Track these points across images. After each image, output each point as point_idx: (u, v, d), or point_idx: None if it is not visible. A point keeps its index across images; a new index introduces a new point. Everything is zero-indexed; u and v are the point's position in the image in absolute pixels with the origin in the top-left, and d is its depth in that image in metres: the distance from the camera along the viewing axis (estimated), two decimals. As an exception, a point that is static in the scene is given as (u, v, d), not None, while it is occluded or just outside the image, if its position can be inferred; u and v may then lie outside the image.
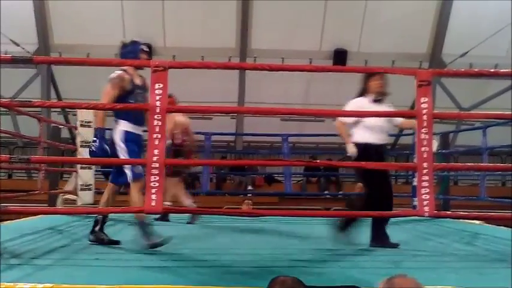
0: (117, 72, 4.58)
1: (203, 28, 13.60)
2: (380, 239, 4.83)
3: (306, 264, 3.98)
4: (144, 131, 4.39)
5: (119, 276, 3.30)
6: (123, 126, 4.55)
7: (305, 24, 13.77)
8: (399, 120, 5.13)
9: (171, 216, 6.68)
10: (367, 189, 4.92)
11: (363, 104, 4.90)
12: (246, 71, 13.91)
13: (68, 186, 8.08)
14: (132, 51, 4.62)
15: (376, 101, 4.91)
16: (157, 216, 6.62)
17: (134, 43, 4.71)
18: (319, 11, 13.71)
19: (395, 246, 4.76)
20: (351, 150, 4.87)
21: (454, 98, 14.44)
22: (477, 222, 6.85)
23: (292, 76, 13.24)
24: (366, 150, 4.79)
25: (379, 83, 4.89)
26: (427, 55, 14.47)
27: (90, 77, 13.32)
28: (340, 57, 13.96)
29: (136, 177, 4.46)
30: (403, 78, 4.53)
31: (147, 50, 4.75)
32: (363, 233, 5.02)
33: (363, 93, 4.99)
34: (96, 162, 7.09)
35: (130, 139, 4.54)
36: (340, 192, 12.72)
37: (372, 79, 4.90)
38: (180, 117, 6.98)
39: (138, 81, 4.61)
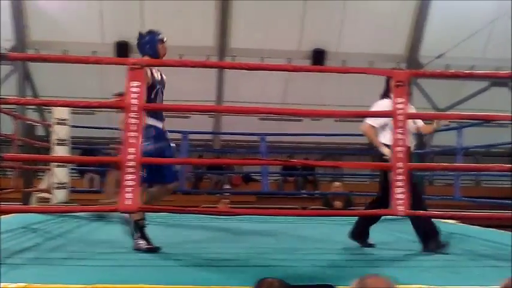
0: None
1: (182, 26, 13.52)
2: (359, 236, 4.84)
3: (282, 263, 3.99)
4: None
5: (92, 275, 3.28)
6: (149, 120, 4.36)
7: (284, 24, 13.79)
8: (420, 123, 5.04)
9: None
10: (380, 191, 4.87)
11: (390, 106, 4.81)
12: (225, 70, 13.89)
13: (43, 185, 7.99)
14: (149, 42, 4.50)
15: None
16: (98, 214, 6.65)
17: (151, 33, 4.57)
18: (298, 11, 13.74)
19: (371, 245, 4.79)
20: (386, 151, 4.70)
21: (431, 98, 14.59)
22: (451, 221, 6.92)
23: (270, 75, 13.26)
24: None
25: None
26: (405, 56, 14.59)
27: (67, 75, 13.24)
28: (318, 57, 14.01)
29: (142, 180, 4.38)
30: (380, 78, 4.57)
31: (165, 40, 4.57)
32: (338, 231, 5.05)
33: (387, 94, 4.86)
34: (68, 160, 7.07)
35: (151, 134, 4.36)
36: (317, 192, 12.78)
37: None
38: None
39: (158, 75, 4.50)
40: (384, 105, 4.77)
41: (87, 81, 13.37)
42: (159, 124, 4.46)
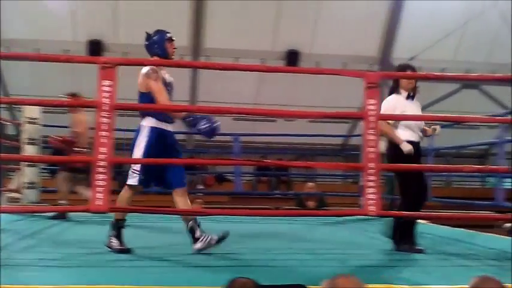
0: (147, 68, 4.35)
1: (156, 25, 13.32)
2: (406, 242, 4.71)
3: (254, 263, 4.00)
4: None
5: (62, 276, 3.24)
6: (149, 121, 4.40)
7: (258, 24, 13.80)
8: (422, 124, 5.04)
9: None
10: (400, 190, 4.87)
11: (399, 101, 4.79)
12: (199, 69, 13.85)
13: (13, 184, 7.88)
14: (158, 42, 4.46)
15: (409, 97, 4.84)
16: (54, 214, 6.59)
17: (159, 33, 4.53)
18: (272, 11, 13.76)
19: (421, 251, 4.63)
20: (407, 148, 4.69)
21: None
22: (422, 221, 7.01)
23: (244, 76, 13.25)
24: (400, 149, 4.68)
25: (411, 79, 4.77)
26: (378, 58, 14.72)
27: (38, 73, 13.06)
28: (292, 58, 14.06)
29: (140, 182, 4.36)
30: (354, 80, 4.60)
31: (173, 38, 4.54)
32: (311, 231, 5.07)
33: (394, 90, 4.87)
34: (39, 160, 6.97)
35: (153, 136, 4.38)
36: (291, 192, 12.81)
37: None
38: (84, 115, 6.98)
39: (167, 77, 4.46)
40: (393, 102, 4.79)
41: (59, 80, 13.18)
42: (164, 126, 4.44)
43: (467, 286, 2.27)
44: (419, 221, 6.84)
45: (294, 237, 5.68)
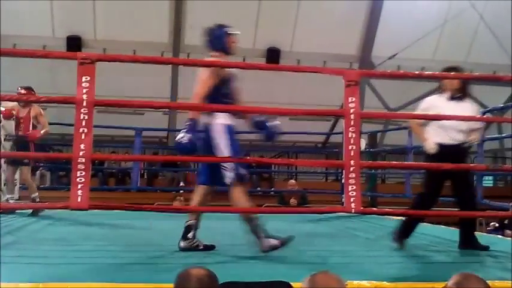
0: (210, 59, 4.25)
1: (135, 21, 13.38)
2: (470, 241, 4.69)
3: (236, 259, 3.99)
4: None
5: (42, 273, 3.21)
6: (221, 118, 4.25)
7: (239, 21, 13.61)
8: (476, 125, 4.82)
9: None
10: (423, 188, 4.87)
11: (437, 102, 4.72)
12: (179, 67, 13.80)
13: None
14: (219, 37, 4.40)
15: (455, 98, 4.69)
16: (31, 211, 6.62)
17: (220, 27, 4.46)
18: (253, 9, 13.77)
19: (485, 248, 4.61)
20: (429, 147, 4.67)
21: (383, 99, 14.85)
22: (403, 218, 7.06)
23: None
24: (439, 151, 4.65)
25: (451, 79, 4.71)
26: (357, 56, 14.82)
27: (16, 69, 12.89)
28: (273, 55, 14.09)
29: (240, 179, 4.23)
30: (334, 78, 4.62)
31: (235, 33, 4.44)
32: (293, 228, 5.05)
33: (439, 91, 4.83)
34: (18, 156, 6.90)
35: (230, 133, 4.26)
36: (272, 189, 12.83)
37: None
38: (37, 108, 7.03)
39: (232, 70, 4.37)
40: (430, 102, 4.79)
41: (38, 76, 13.05)
42: (234, 122, 4.34)
43: (447, 283, 2.27)
44: (399, 218, 6.94)
45: (276, 234, 5.67)
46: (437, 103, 4.71)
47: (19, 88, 6.72)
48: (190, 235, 4.28)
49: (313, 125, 14.21)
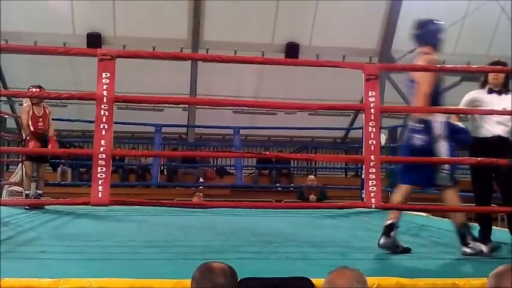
0: (425, 55, 4.19)
1: (155, 18, 13.42)
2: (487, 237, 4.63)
3: (255, 255, 3.99)
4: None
5: (64, 269, 3.24)
6: (440, 116, 4.19)
7: (258, 16, 13.76)
8: None
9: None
10: (472, 185, 4.83)
11: (477, 95, 4.74)
12: (198, 63, 13.81)
13: (14, 178, 7.88)
14: (432, 32, 4.38)
15: (496, 92, 4.68)
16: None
17: (432, 23, 4.42)
18: (272, 3, 13.71)
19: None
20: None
21: (403, 93, 14.70)
22: (423, 214, 7.01)
23: (244, 69, 13.22)
24: (477, 143, 4.59)
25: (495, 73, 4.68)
26: (377, 51, 14.69)
27: (37, 66, 13.03)
28: (292, 50, 14.01)
29: (454, 181, 4.16)
30: (353, 72, 4.58)
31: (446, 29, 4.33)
32: (312, 224, 5.05)
33: (483, 84, 4.82)
34: (37, 152, 6.97)
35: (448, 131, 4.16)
36: (292, 185, 12.81)
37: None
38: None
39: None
40: (471, 95, 4.81)
41: (59, 73, 13.19)
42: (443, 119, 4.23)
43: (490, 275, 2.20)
44: (420, 213, 6.90)
45: (295, 230, 5.68)
46: (479, 96, 4.72)
47: (30, 87, 6.78)
48: (392, 233, 4.13)
49: (333, 120, 14.16)
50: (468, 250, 4.00)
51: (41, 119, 6.95)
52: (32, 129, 6.87)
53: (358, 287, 2.10)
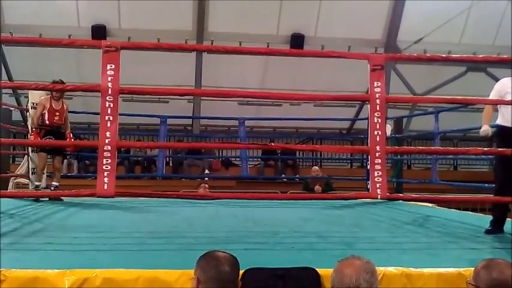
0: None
1: (159, 10, 13.38)
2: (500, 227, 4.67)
3: (261, 246, 3.99)
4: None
5: (70, 260, 3.25)
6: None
7: (262, 8, 13.71)
8: None
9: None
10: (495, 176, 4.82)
11: (507, 83, 4.69)
12: (203, 54, 13.79)
13: (20, 170, 7.90)
14: None
15: None
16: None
17: None
18: (276, -5, 13.68)
19: None
20: (482, 129, 4.70)
21: (409, 84, 14.67)
22: (429, 204, 7.00)
23: (249, 60, 13.20)
24: (501, 133, 4.62)
25: None
26: (382, 41, 14.62)
27: (42, 59, 13.05)
28: (297, 41, 13.97)
29: None
30: (359, 63, 4.57)
31: None
32: (318, 214, 5.03)
33: None
34: (44, 144, 7.00)
35: None
36: (297, 176, 12.81)
37: None
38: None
39: None
40: (500, 83, 4.74)
41: (64, 66, 13.18)
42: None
43: (475, 268, 2.24)
44: (426, 204, 6.88)
45: (301, 221, 5.68)
46: (507, 85, 4.66)
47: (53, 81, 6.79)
48: None
49: (338, 111, 14.13)
50: None
51: (57, 113, 7.02)
52: (47, 122, 6.94)
53: (365, 277, 2.09)
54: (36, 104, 7.14)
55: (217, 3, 13.67)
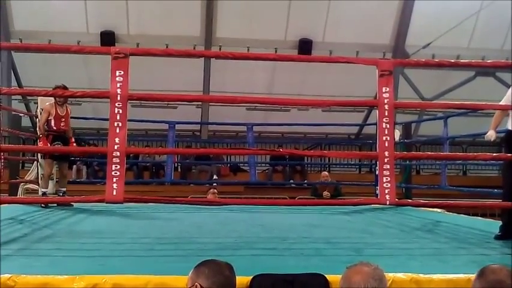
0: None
1: (167, 16, 13.45)
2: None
3: (269, 252, 3.99)
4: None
5: (79, 266, 3.26)
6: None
7: (270, 13, 13.75)
8: None
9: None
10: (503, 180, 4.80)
11: None
12: (211, 60, 13.83)
13: (29, 176, 7.94)
14: None
15: None
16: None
17: None
18: (284, 0, 13.70)
19: None
20: (487, 134, 4.72)
21: (417, 89, 14.64)
22: (438, 210, 6.97)
23: (257, 65, 13.22)
24: (510, 138, 4.58)
25: None
26: (391, 46, 14.61)
27: (52, 65, 13.12)
28: (305, 47, 13.98)
29: None
30: (367, 68, 4.57)
31: None
32: (326, 220, 5.02)
33: None
34: (54, 150, 7.04)
35: None
36: (305, 181, 12.79)
37: None
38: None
39: None
40: None
41: (73, 72, 13.26)
42: None
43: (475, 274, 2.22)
44: (435, 209, 6.85)
45: (309, 227, 5.67)
46: None
47: (55, 87, 6.82)
48: None
49: (346, 116, 14.12)
50: None
51: (63, 119, 7.04)
52: (54, 128, 6.97)
53: (373, 284, 2.08)
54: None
55: (225, 8, 13.72)
